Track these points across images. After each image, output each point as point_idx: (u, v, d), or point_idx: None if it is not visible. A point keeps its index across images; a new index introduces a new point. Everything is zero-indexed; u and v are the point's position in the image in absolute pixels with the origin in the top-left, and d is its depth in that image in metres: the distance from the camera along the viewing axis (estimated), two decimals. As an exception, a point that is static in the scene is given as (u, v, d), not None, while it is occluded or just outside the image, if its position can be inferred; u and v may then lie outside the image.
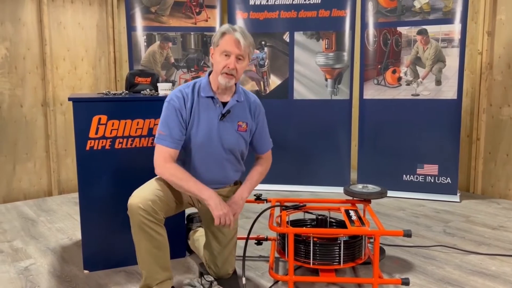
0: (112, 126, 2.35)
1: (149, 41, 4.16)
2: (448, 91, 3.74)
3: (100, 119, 2.32)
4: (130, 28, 4.13)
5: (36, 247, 2.78)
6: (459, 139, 3.77)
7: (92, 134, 2.32)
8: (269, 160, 2.26)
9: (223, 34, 1.95)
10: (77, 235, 2.92)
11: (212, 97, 2.03)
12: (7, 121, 3.78)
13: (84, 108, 2.31)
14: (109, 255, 2.43)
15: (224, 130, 2.04)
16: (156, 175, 2.05)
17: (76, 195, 3.88)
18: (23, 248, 2.77)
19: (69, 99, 2.34)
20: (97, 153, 2.33)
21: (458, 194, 3.81)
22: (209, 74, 2.07)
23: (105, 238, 2.41)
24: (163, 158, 1.96)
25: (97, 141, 2.33)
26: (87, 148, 2.32)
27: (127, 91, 2.80)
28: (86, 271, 2.41)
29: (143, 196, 1.90)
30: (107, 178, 2.37)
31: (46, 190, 4.02)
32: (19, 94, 3.83)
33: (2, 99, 3.75)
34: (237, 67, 1.96)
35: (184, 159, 2.06)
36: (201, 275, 2.21)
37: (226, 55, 1.95)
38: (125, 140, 2.38)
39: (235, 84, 2.08)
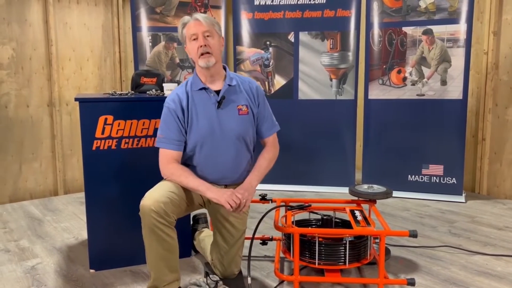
0: (118, 126, 2.36)
1: (154, 41, 4.17)
2: (454, 91, 3.73)
3: (106, 119, 2.33)
4: (135, 28, 4.14)
5: (43, 246, 2.80)
6: (464, 139, 3.76)
7: (98, 134, 2.33)
8: (276, 146, 2.19)
9: (184, 24, 2.03)
10: (83, 235, 2.94)
11: (204, 88, 2.05)
12: (14, 121, 3.81)
13: (91, 108, 2.32)
14: (115, 254, 2.44)
15: (225, 118, 2.04)
16: (160, 175, 2.08)
17: (81, 194, 3.90)
18: (29, 247, 2.79)
19: (76, 99, 2.35)
20: (103, 153, 2.35)
21: (463, 195, 3.80)
22: (196, 70, 2.11)
23: (111, 238, 2.42)
24: (166, 160, 2.01)
25: (103, 141, 2.34)
26: (93, 148, 2.33)
27: (133, 91, 2.81)
28: (92, 271, 2.42)
29: (155, 198, 1.88)
30: (113, 178, 2.38)
31: (52, 189, 4.04)
32: (25, 94, 3.85)
33: (9, 99, 3.77)
34: (209, 43, 1.98)
35: (191, 159, 2.07)
36: (207, 274, 2.22)
37: (194, 39, 2.00)
38: (131, 140, 2.39)
39: (224, 69, 2.11)
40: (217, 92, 2.06)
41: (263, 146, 2.21)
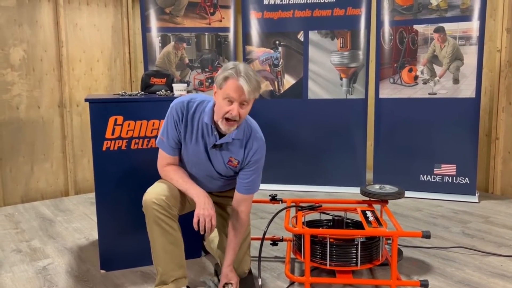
0: (128, 126, 2.36)
1: (164, 42, 4.17)
2: (466, 90, 3.68)
3: (116, 120, 2.33)
4: (145, 29, 4.15)
5: (54, 246, 2.81)
6: (477, 138, 3.70)
7: (108, 134, 2.33)
8: (246, 204, 2.06)
9: (227, 78, 1.83)
10: (94, 235, 2.95)
11: (211, 125, 1.95)
12: (25, 122, 3.84)
13: (101, 109, 2.32)
14: (125, 254, 2.44)
15: (214, 157, 2.01)
16: None
17: (92, 195, 3.92)
18: (41, 247, 2.80)
19: (86, 100, 2.35)
20: (114, 154, 2.35)
21: (476, 195, 3.74)
22: (214, 104, 1.95)
23: (121, 238, 2.42)
24: (162, 162, 2.05)
25: (113, 141, 2.34)
26: (104, 148, 2.33)
27: (142, 92, 2.81)
28: (102, 271, 2.42)
29: (156, 192, 1.94)
30: (123, 179, 2.38)
31: (63, 190, 4.06)
32: (37, 96, 3.88)
33: (20, 100, 3.80)
34: (241, 112, 1.85)
35: (184, 166, 2.09)
36: (216, 274, 2.21)
37: (229, 101, 1.84)
38: (141, 140, 2.39)
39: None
40: (220, 134, 1.96)
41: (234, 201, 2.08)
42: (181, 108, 1.97)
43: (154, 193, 1.93)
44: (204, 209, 1.90)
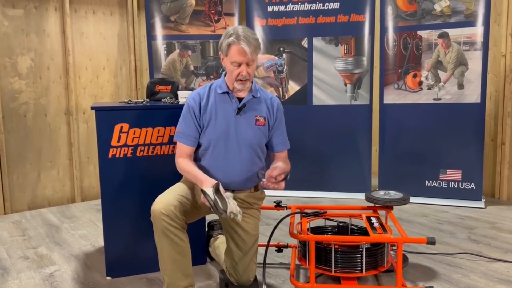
0: (134, 134, 2.38)
1: (169, 49, 4.21)
2: (471, 95, 3.67)
3: (122, 127, 2.36)
4: (150, 37, 4.19)
5: (60, 253, 2.83)
6: (483, 143, 3.69)
7: (114, 142, 2.35)
8: (288, 163, 2.22)
9: (229, 45, 2.01)
10: (100, 242, 2.96)
11: (228, 93, 2.10)
12: (32, 129, 3.88)
13: (107, 117, 2.35)
14: (131, 261, 2.45)
15: (241, 125, 2.09)
16: (178, 181, 2.16)
17: (98, 202, 3.94)
18: (47, 254, 2.82)
19: (92, 108, 2.38)
20: (119, 161, 2.37)
21: (482, 200, 3.72)
22: (225, 75, 2.14)
23: (127, 245, 2.44)
24: (179, 153, 2.11)
25: (119, 149, 2.36)
26: (110, 156, 2.36)
27: (148, 99, 2.84)
28: (108, 278, 2.43)
29: (165, 201, 1.94)
30: (129, 186, 2.40)
31: (69, 197, 4.09)
32: (44, 103, 3.92)
33: (27, 108, 3.84)
34: (249, 71, 2.04)
35: (203, 159, 2.11)
36: (226, 285, 2.21)
37: (236, 65, 2.02)
38: (146, 147, 2.41)
39: (251, 82, 2.14)
40: (239, 99, 2.11)
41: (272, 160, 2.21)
42: (194, 97, 2.12)
43: (163, 203, 1.93)
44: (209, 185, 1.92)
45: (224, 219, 2.17)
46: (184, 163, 2.07)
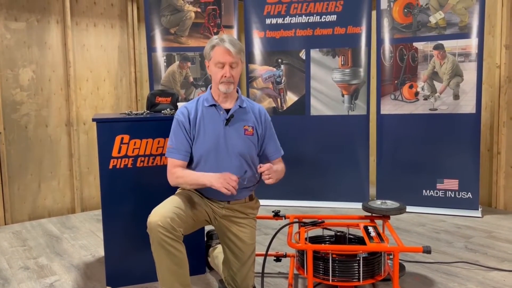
0: (134, 145, 2.42)
1: (169, 61, 4.27)
2: (467, 105, 3.72)
3: (122, 138, 2.39)
4: (150, 49, 4.25)
5: (61, 263, 2.85)
6: (479, 153, 3.73)
7: (115, 153, 2.39)
8: (283, 166, 2.28)
9: (213, 47, 2.08)
10: (100, 252, 2.98)
11: (215, 105, 2.14)
12: (33, 140, 3.91)
13: (107, 128, 2.39)
14: (131, 271, 2.47)
15: (231, 135, 2.12)
16: (174, 193, 2.16)
17: (98, 212, 3.96)
18: (48, 264, 2.84)
19: (93, 119, 2.42)
20: (120, 172, 2.40)
21: (479, 209, 3.75)
22: (210, 87, 2.21)
23: (127, 255, 2.46)
24: (171, 167, 2.11)
25: (119, 160, 2.40)
26: (110, 166, 2.39)
27: (148, 111, 2.88)
28: (108, 288, 2.46)
29: (161, 213, 1.95)
30: (129, 196, 2.43)
31: (69, 207, 4.12)
32: (45, 115, 3.96)
33: (29, 119, 3.89)
34: (233, 73, 2.09)
35: (195, 171, 2.12)
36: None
37: (220, 66, 2.08)
38: (146, 158, 2.45)
39: (237, 91, 2.20)
40: (227, 110, 2.15)
41: None
42: (182, 112, 2.15)
43: (159, 215, 1.94)
44: (219, 178, 1.97)
45: (220, 229, 2.20)
46: (180, 171, 2.09)
